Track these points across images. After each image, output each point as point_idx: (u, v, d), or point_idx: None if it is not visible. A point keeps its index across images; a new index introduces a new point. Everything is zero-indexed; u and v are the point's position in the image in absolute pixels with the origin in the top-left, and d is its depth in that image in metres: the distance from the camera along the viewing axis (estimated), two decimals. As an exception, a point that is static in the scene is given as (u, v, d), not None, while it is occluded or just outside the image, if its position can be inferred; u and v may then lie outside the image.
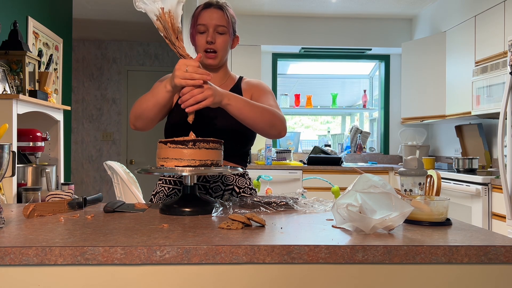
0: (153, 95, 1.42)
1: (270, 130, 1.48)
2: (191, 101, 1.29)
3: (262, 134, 1.50)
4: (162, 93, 1.39)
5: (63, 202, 1.33)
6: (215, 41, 1.55)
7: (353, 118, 5.85)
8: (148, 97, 1.44)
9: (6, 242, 0.92)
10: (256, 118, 1.42)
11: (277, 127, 1.48)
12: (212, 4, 1.58)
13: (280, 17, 5.03)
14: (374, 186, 1.08)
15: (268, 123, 1.45)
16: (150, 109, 1.43)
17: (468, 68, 3.81)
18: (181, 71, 1.30)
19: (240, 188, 1.63)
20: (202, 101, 1.30)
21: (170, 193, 1.62)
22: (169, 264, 0.90)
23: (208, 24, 1.54)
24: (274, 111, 1.48)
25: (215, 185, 1.60)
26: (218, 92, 1.34)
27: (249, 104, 1.42)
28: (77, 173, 6.32)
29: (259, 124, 1.44)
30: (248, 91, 1.65)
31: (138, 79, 6.37)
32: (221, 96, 1.35)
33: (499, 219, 2.99)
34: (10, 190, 2.36)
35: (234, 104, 1.38)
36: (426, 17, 4.80)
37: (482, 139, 4.00)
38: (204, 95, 1.29)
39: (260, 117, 1.43)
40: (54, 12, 4.01)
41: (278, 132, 1.50)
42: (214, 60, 1.58)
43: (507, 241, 0.98)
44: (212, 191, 1.59)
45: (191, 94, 1.29)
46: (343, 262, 0.92)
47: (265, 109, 1.45)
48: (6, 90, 2.56)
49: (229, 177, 1.62)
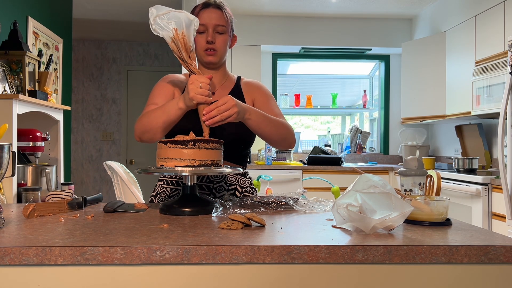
0: (164, 112, 1.41)
1: (282, 143, 1.55)
2: (217, 118, 1.32)
3: (272, 146, 1.58)
4: (174, 111, 1.40)
5: (63, 202, 1.33)
6: (215, 40, 1.54)
7: (353, 118, 5.85)
8: (159, 114, 1.42)
9: (6, 242, 0.92)
10: (272, 132, 1.49)
11: (288, 140, 1.56)
12: (211, 4, 1.56)
13: (280, 17, 5.02)
14: (374, 186, 1.08)
15: (281, 137, 1.53)
16: (160, 125, 1.43)
17: (468, 68, 3.81)
18: (196, 87, 1.33)
19: (243, 187, 1.64)
20: (228, 118, 1.33)
21: (172, 194, 1.61)
22: (169, 264, 0.90)
23: (207, 24, 1.53)
24: (288, 126, 1.56)
25: (218, 185, 1.60)
26: (242, 107, 1.38)
27: (267, 119, 1.47)
28: (77, 173, 6.32)
29: (273, 138, 1.51)
30: (249, 93, 1.65)
31: (138, 79, 6.36)
32: (244, 112, 1.39)
33: (499, 219, 2.99)
34: (10, 190, 2.36)
35: (254, 119, 1.43)
36: (426, 17, 4.80)
37: (482, 139, 4.00)
38: (230, 112, 1.33)
39: (275, 131, 1.50)
40: (54, 12, 4.01)
41: (288, 144, 1.57)
42: (214, 57, 1.57)
43: (507, 241, 0.98)
44: (216, 191, 1.59)
45: (218, 111, 1.32)
46: (343, 262, 0.92)
47: (280, 123, 1.52)
48: (6, 90, 2.56)
49: (232, 177, 1.63)
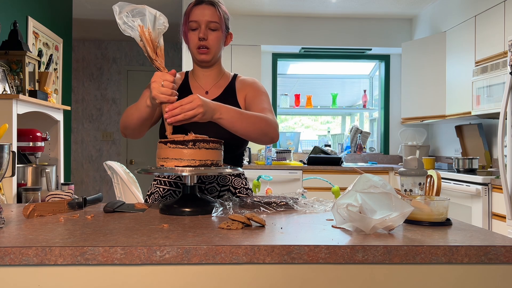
0: (137, 109, 1.44)
1: (263, 138, 1.47)
2: (180, 117, 1.26)
3: (254, 142, 1.49)
4: (144, 108, 1.41)
5: (63, 202, 1.33)
6: (207, 37, 1.52)
7: (353, 118, 5.85)
8: (133, 111, 1.46)
9: (6, 242, 0.92)
10: (248, 128, 1.41)
11: (269, 134, 1.47)
12: (204, 1, 1.55)
13: (280, 17, 5.02)
14: (374, 186, 1.08)
15: (260, 132, 1.44)
16: (134, 122, 1.46)
17: (468, 68, 3.81)
18: (158, 85, 1.30)
19: (236, 188, 1.63)
20: (192, 117, 1.27)
21: (165, 194, 1.61)
22: (169, 264, 0.90)
23: (199, 20, 1.52)
24: (267, 119, 1.46)
25: (210, 186, 1.60)
26: (210, 107, 1.31)
27: (242, 116, 1.39)
28: (77, 173, 6.32)
29: (251, 135, 1.43)
30: (242, 90, 1.63)
31: (138, 79, 6.37)
32: (213, 111, 1.32)
33: (499, 219, 2.99)
34: (10, 190, 2.36)
35: (226, 117, 1.35)
36: (426, 17, 4.80)
37: (482, 139, 4.00)
38: (195, 112, 1.26)
39: (252, 127, 1.41)
40: (54, 12, 4.01)
41: (270, 139, 1.49)
42: (207, 56, 1.55)
43: (507, 241, 0.98)
44: (208, 192, 1.59)
45: (182, 110, 1.26)
46: (343, 262, 0.92)
47: (257, 118, 1.43)
48: (6, 90, 2.56)
49: (225, 178, 1.62)
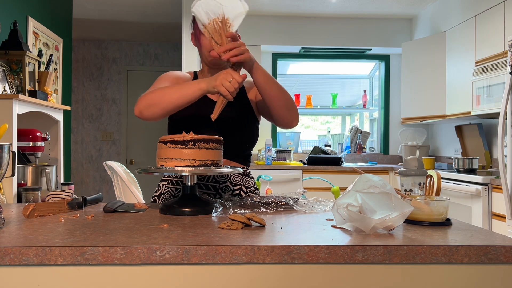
0: (182, 88, 1.40)
1: (285, 113, 1.51)
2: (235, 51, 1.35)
3: (276, 115, 1.52)
4: (193, 89, 1.39)
5: (63, 202, 1.33)
6: None
7: (353, 118, 5.85)
8: (175, 89, 1.41)
9: (6, 242, 0.92)
10: (278, 93, 1.47)
11: (292, 112, 1.51)
12: None
13: (280, 17, 5.02)
14: (374, 186, 1.08)
15: (285, 104, 1.49)
16: (172, 101, 1.40)
17: (468, 68, 3.81)
18: (226, 79, 1.34)
19: (247, 187, 1.65)
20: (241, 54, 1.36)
21: (177, 194, 1.61)
22: (169, 264, 0.90)
23: None
24: (293, 99, 1.53)
25: (224, 185, 1.61)
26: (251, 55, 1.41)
27: (273, 80, 1.48)
28: (77, 173, 6.32)
29: (278, 101, 1.48)
30: (251, 89, 1.66)
31: (138, 79, 6.36)
32: (254, 59, 1.42)
33: (499, 219, 2.99)
34: (10, 190, 2.36)
35: (262, 72, 1.44)
36: (426, 17, 4.80)
37: (482, 139, 4.00)
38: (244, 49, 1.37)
39: (281, 94, 1.47)
40: (54, 12, 4.01)
41: (291, 117, 1.53)
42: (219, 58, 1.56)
43: (507, 241, 0.98)
44: (222, 191, 1.60)
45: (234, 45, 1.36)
46: (343, 262, 0.92)
47: (285, 91, 1.50)
48: (6, 90, 2.56)
49: (237, 177, 1.63)
